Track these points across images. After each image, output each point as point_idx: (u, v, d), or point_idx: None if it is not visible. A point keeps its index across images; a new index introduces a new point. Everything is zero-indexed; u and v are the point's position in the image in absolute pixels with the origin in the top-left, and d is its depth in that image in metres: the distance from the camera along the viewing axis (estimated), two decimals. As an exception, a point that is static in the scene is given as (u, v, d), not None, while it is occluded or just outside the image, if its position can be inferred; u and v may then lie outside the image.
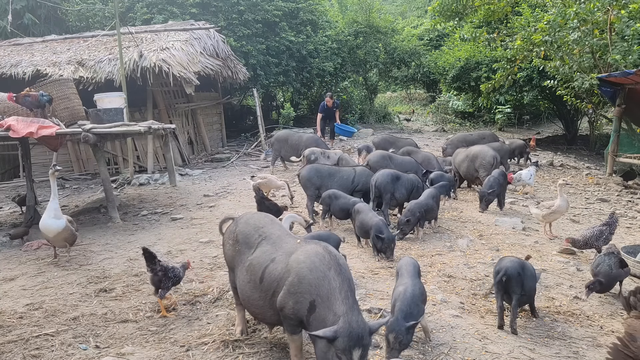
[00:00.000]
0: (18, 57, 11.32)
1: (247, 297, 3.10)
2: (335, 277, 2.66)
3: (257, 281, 2.99)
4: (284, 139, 10.25)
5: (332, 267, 2.71)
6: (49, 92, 7.28)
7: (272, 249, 3.03)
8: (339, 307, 2.53)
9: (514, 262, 3.69)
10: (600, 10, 9.81)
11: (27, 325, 3.70)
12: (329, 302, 2.58)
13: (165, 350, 3.28)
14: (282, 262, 2.89)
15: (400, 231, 5.69)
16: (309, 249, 2.86)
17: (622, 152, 10.46)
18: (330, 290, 2.61)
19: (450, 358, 3.19)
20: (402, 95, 27.14)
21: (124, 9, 13.90)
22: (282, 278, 2.82)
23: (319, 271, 2.68)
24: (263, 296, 2.96)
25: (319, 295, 2.62)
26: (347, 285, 2.65)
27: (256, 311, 3.10)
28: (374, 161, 7.57)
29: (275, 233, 3.16)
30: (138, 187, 9.49)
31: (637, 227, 6.96)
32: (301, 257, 2.80)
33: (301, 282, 2.69)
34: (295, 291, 2.71)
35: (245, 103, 19.19)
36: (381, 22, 19.23)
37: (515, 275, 3.59)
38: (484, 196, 6.99)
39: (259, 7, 14.69)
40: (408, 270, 3.48)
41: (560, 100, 13.08)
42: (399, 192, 6.27)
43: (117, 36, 9.88)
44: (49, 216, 5.06)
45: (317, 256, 2.76)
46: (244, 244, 3.20)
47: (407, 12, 31.86)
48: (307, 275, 2.69)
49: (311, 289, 2.65)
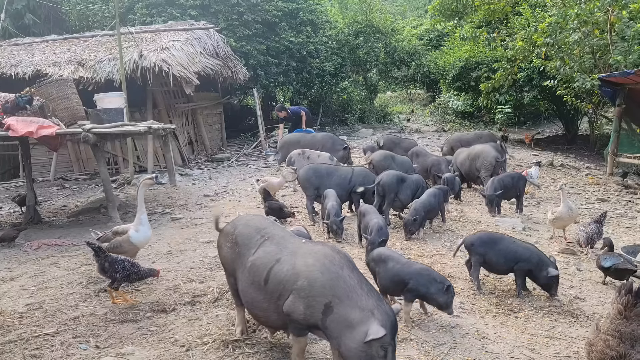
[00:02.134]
0: (18, 57, 11.32)
1: (250, 299, 3.01)
2: (351, 275, 2.65)
3: (261, 282, 2.90)
4: (295, 141, 9.69)
5: (345, 266, 2.69)
6: (49, 92, 7.30)
7: (276, 249, 2.96)
8: (365, 302, 2.52)
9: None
10: (600, 11, 9.81)
11: (27, 325, 3.69)
12: (350, 300, 2.54)
13: (165, 350, 3.27)
14: (288, 263, 2.81)
15: (409, 231, 5.68)
16: (316, 250, 2.82)
17: (622, 152, 10.47)
18: (349, 288, 2.58)
19: (450, 358, 3.19)
20: (402, 95, 27.13)
21: (124, 9, 13.90)
22: (289, 281, 2.74)
23: (331, 272, 2.64)
24: (268, 298, 2.87)
25: (336, 296, 2.57)
26: (365, 280, 2.67)
27: (259, 314, 3.00)
28: (377, 160, 7.59)
29: (279, 234, 3.12)
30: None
31: (637, 227, 6.96)
32: (310, 260, 2.74)
33: (312, 286, 2.63)
34: (306, 295, 2.63)
35: (245, 103, 19.19)
36: (381, 22, 19.22)
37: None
38: (492, 200, 6.83)
39: (259, 7, 14.68)
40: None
41: (560, 100, 13.07)
42: (404, 194, 6.25)
43: (117, 36, 9.88)
44: (148, 228, 4.72)
45: (327, 257, 2.73)
46: (244, 246, 3.13)
47: (407, 12, 31.82)
48: (318, 278, 2.63)
49: (325, 291, 2.60)
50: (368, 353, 2.41)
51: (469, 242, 4.43)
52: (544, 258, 4.23)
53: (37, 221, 7.11)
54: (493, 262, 4.32)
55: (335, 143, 9.32)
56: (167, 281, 4.52)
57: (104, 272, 4.01)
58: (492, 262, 4.33)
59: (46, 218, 7.46)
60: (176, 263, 5.02)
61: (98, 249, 4.05)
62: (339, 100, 19.79)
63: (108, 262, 3.98)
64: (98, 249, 4.05)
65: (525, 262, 4.21)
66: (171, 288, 4.35)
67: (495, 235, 4.51)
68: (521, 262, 4.22)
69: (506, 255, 4.26)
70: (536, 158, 11.33)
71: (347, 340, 2.48)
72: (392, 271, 3.65)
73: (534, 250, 4.30)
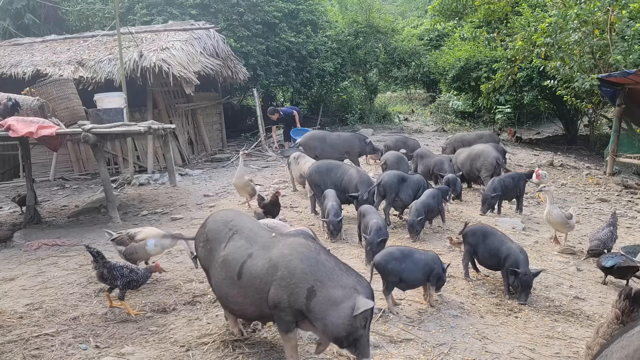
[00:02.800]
0: (18, 57, 11.31)
1: (224, 294, 3.05)
2: (329, 259, 2.82)
3: (234, 277, 2.95)
4: (320, 138, 9.16)
5: (321, 251, 2.85)
6: (49, 92, 7.30)
7: (246, 243, 3.01)
8: (346, 280, 2.71)
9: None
10: (600, 10, 9.81)
11: (27, 325, 3.69)
12: (331, 281, 2.70)
13: (165, 350, 3.27)
14: (262, 258, 2.88)
15: (415, 232, 5.68)
16: (290, 241, 2.93)
17: (622, 152, 10.47)
18: (329, 271, 2.74)
19: (450, 358, 3.19)
20: (402, 95, 27.12)
21: (123, 9, 13.90)
22: (267, 274, 2.80)
23: (310, 258, 2.77)
24: (243, 292, 2.93)
25: (317, 280, 2.70)
26: (341, 262, 2.86)
27: (235, 308, 3.06)
28: (392, 161, 7.68)
29: (247, 226, 3.15)
30: (138, 187, 9.49)
31: (637, 227, 6.96)
32: (286, 250, 2.84)
33: (294, 274, 2.73)
34: (288, 284, 2.73)
35: (245, 103, 19.18)
36: (381, 22, 19.21)
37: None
38: (486, 199, 6.85)
39: (259, 7, 14.68)
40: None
41: (560, 100, 13.07)
42: (405, 194, 6.23)
43: (117, 36, 9.88)
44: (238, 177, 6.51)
45: (303, 246, 2.86)
46: (215, 241, 3.15)
47: (407, 12, 31.82)
48: (298, 266, 2.74)
49: (307, 277, 2.71)
50: (353, 325, 2.60)
51: (465, 232, 4.66)
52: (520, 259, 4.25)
53: (37, 221, 7.11)
54: (479, 254, 4.54)
55: (360, 141, 9.07)
56: (167, 281, 4.53)
57: (104, 280, 3.93)
58: (478, 255, 4.55)
59: (46, 218, 7.46)
60: (176, 263, 5.02)
61: (97, 254, 3.96)
62: (339, 100, 19.79)
63: (107, 269, 3.89)
64: (97, 254, 3.97)
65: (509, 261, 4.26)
66: (171, 288, 4.36)
67: (488, 230, 4.60)
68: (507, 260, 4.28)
69: (490, 251, 4.43)
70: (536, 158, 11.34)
71: (333, 318, 2.62)
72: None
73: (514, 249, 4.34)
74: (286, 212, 6.77)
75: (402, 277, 3.79)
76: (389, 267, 3.78)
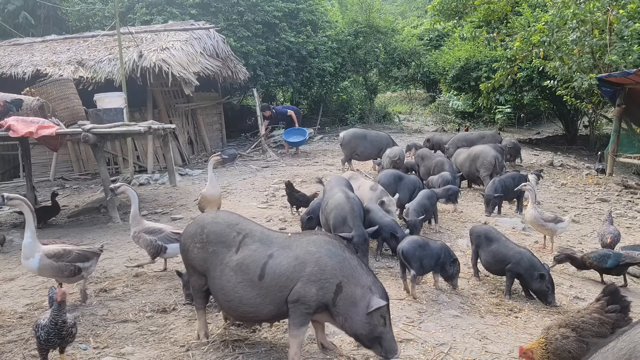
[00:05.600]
0: (18, 57, 11.32)
1: (237, 297, 3.00)
2: (352, 256, 2.99)
3: (254, 279, 2.94)
4: (361, 135, 9.72)
5: (345, 249, 3.01)
6: (49, 92, 7.31)
7: (262, 246, 3.03)
8: (365, 279, 2.89)
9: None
10: (600, 10, 9.80)
11: (27, 325, 3.69)
12: (355, 278, 2.87)
13: (165, 350, 3.27)
14: (286, 257, 2.94)
15: (417, 230, 5.67)
16: (314, 238, 3.04)
17: (622, 152, 10.47)
18: (353, 268, 2.90)
19: (450, 358, 3.19)
20: (402, 95, 27.12)
21: (123, 9, 13.90)
22: (294, 271, 2.89)
23: (338, 255, 2.92)
24: (263, 293, 2.94)
25: (345, 276, 2.86)
26: (363, 261, 3.07)
27: (248, 310, 3.00)
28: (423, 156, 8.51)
29: (256, 229, 3.16)
30: (138, 187, 9.47)
31: (637, 227, 6.96)
32: (312, 247, 2.94)
33: (324, 270, 2.86)
34: (318, 279, 2.85)
35: (245, 103, 19.19)
36: (381, 22, 19.21)
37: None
38: (489, 200, 6.83)
39: (259, 7, 14.68)
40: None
41: (560, 100, 13.06)
42: (402, 193, 6.24)
43: (117, 36, 9.88)
44: (213, 186, 6.17)
45: (329, 243, 2.98)
46: (220, 244, 3.09)
47: (407, 12, 31.81)
48: (328, 262, 2.88)
49: (336, 272, 2.86)
50: (371, 323, 2.79)
51: (471, 231, 4.79)
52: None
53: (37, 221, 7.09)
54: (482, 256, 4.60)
55: (393, 140, 9.77)
56: (167, 281, 4.53)
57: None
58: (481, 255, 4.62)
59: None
60: (176, 263, 5.02)
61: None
62: (339, 100, 19.79)
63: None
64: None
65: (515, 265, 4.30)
66: (171, 288, 4.36)
67: (491, 232, 4.60)
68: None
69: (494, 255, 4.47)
70: (536, 158, 11.33)
71: (353, 315, 2.82)
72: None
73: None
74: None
75: (422, 263, 4.11)
76: (417, 254, 4.10)
